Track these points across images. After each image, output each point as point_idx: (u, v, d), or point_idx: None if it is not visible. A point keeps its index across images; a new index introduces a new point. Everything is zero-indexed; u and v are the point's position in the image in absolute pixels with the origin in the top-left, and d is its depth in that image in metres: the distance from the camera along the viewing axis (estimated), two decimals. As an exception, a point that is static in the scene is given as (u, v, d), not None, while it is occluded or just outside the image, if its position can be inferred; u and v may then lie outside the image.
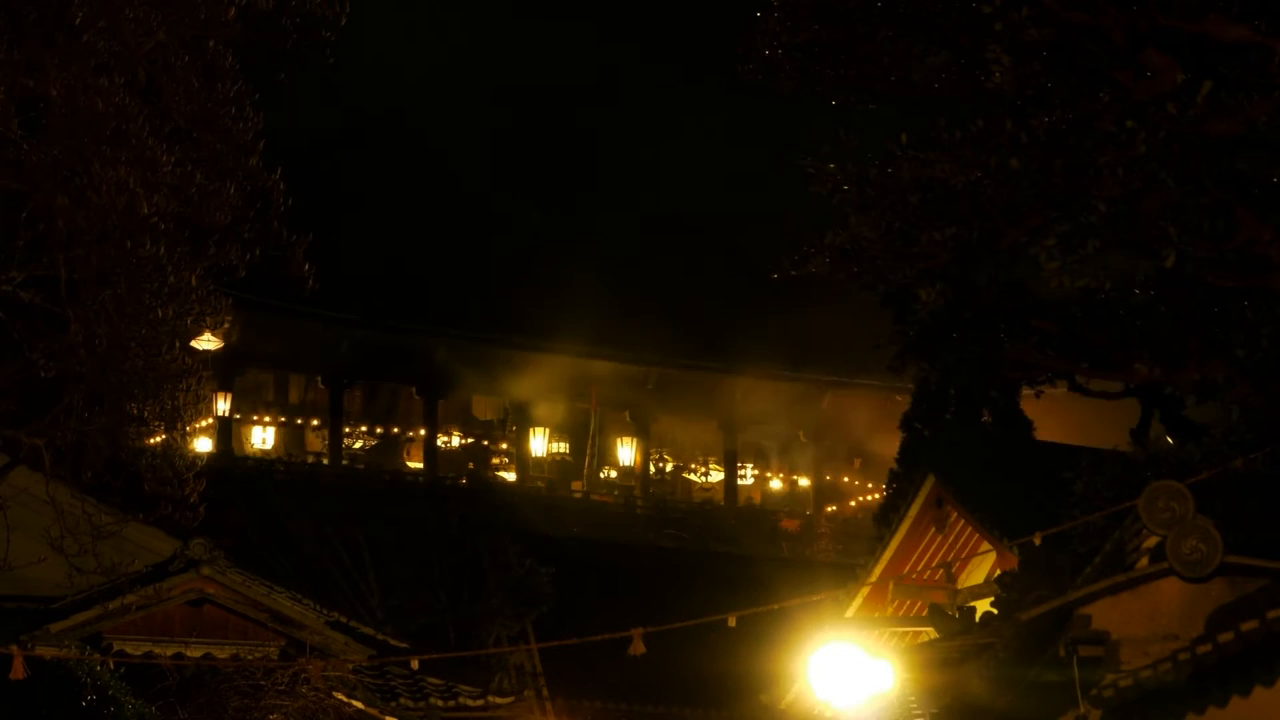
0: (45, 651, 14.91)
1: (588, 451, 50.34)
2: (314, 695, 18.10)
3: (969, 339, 15.54)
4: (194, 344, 14.82)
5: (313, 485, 39.12)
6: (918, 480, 24.78)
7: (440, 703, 20.25)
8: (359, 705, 19.03)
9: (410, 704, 19.92)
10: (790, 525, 50.80)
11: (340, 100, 49.33)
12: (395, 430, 50.37)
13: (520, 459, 50.44)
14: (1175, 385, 15.31)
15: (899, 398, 28.91)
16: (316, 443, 48.87)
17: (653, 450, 52.51)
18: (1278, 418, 14.62)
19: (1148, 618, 13.47)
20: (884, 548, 25.08)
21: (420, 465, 49.09)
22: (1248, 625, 12.47)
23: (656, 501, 50.69)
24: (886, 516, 25.39)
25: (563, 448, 51.45)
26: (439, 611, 29.62)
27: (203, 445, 39.49)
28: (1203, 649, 12.64)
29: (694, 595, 28.19)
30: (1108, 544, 15.54)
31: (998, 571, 21.22)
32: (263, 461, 45.15)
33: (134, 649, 18.54)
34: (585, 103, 62.53)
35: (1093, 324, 15.36)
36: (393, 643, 22.03)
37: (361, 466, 47.32)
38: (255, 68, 14.09)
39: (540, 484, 49.89)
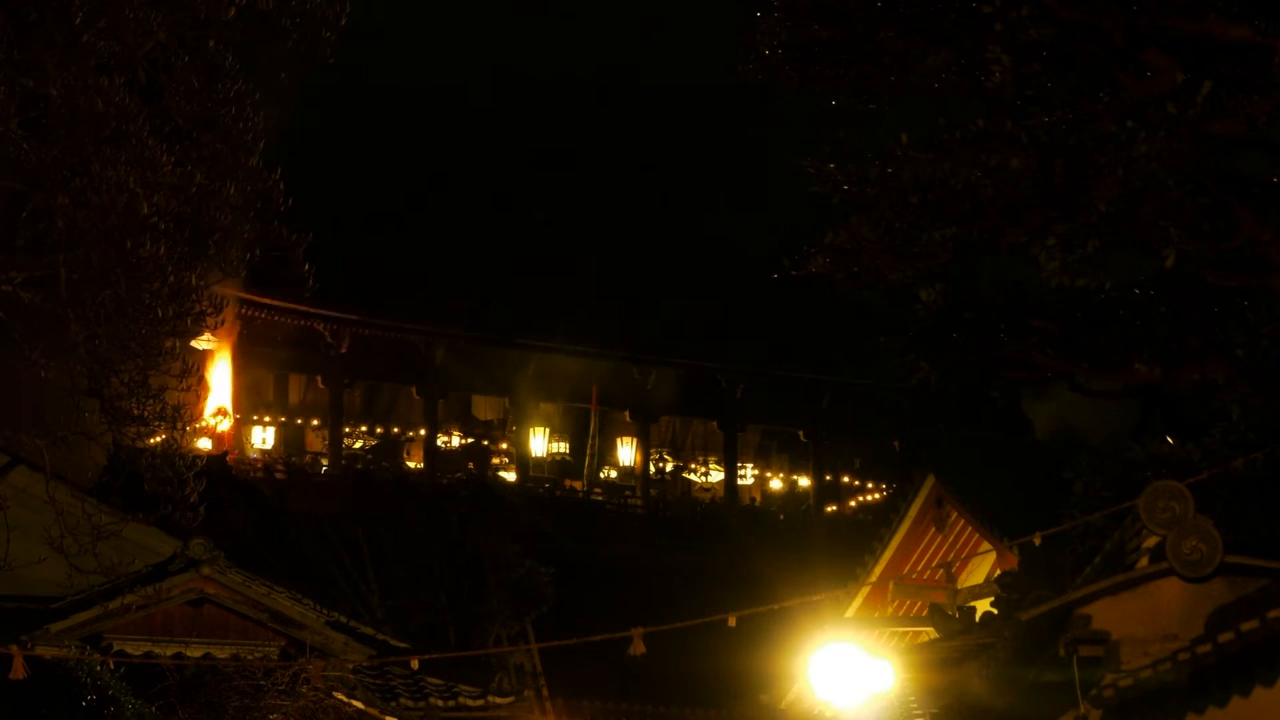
0: (45, 651, 14.91)
1: (588, 451, 50.31)
2: (314, 695, 18.07)
3: (969, 339, 15.51)
4: (194, 344, 14.82)
5: (313, 485, 39.09)
6: (918, 480, 24.80)
7: (440, 703, 20.22)
8: (359, 705, 19.00)
9: (410, 704, 19.89)
10: None
11: (341, 96, 49.33)
12: (395, 430, 50.35)
13: (520, 459, 50.41)
14: (1175, 385, 15.29)
15: (899, 398, 28.95)
16: (316, 443, 48.87)
17: (653, 450, 52.50)
18: (1278, 418, 14.61)
19: (1148, 618, 13.45)
20: (884, 548, 25.10)
21: (420, 465, 49.08)
22: (1248, 625, 12.46)
23: (656, 501, 50.67)
24: (886, 516, 25.41)
25: (563, 448, 51.44)
26: (439, 611, 29.61)
27: (203, 445, 39.44)
28: (1203, 649, 12.62)
29: (694, 595, 28.18)
30: (1108, 544, 15.54)
31: (998, 571, 21.23)
32: (263, 461, 45.13)
33: (134, 649, 18.51)
34: (585, 100, 62.51)
35: (1093, 324, 15.33)
36: (393, 643, 22.01)
37: (361, 466, 47.33)
38: (255, 68, 14.07)
39: (540, 484, 49.86)
